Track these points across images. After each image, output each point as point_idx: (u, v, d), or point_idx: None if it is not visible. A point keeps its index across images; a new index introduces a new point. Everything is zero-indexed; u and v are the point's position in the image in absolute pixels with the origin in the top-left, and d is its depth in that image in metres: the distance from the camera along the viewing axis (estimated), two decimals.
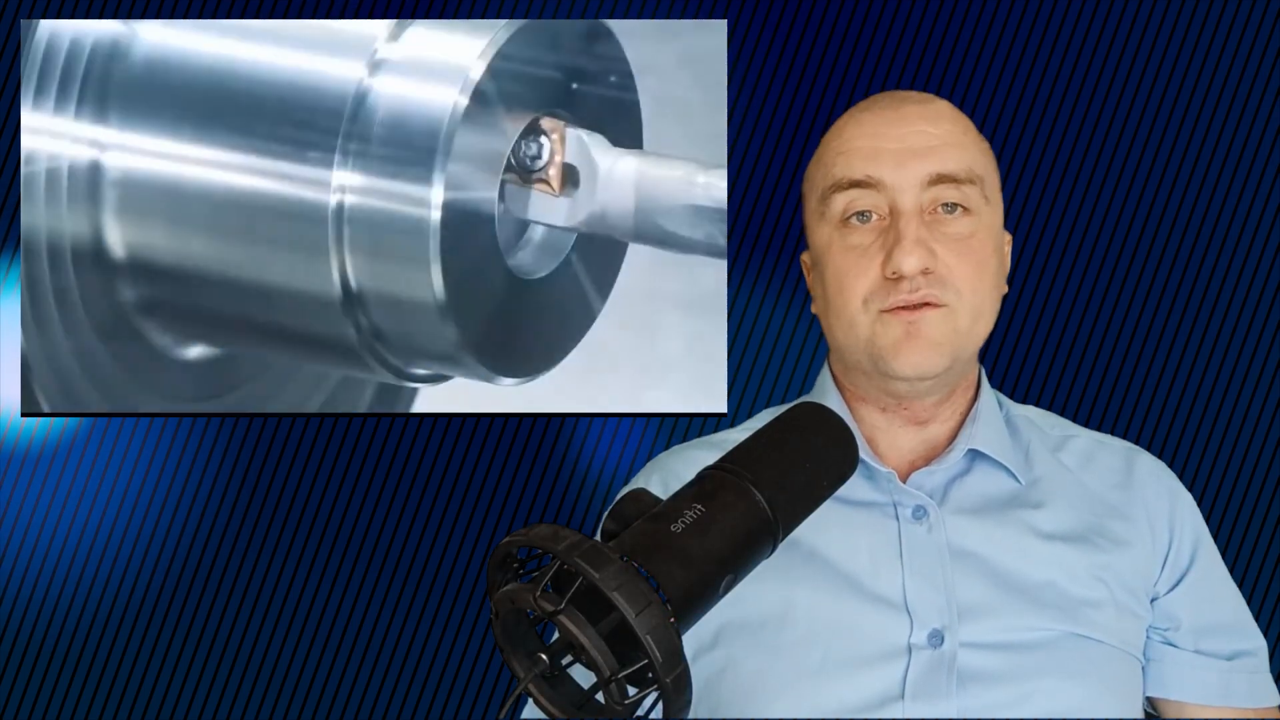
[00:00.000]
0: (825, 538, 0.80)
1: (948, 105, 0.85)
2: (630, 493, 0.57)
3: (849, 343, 0.82)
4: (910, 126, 0.81)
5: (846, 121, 0.85)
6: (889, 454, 0.85)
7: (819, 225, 0.84)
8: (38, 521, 1.40)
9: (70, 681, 1.41)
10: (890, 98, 0.85)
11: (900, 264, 0.78)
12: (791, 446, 0.61)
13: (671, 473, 0.88)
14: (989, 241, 0.82)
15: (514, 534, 0.53)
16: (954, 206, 0.80)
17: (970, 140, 0.83)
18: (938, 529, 0.81)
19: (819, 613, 0.79)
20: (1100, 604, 0.80)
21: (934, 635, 0.77)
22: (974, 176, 0.81)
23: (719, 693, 0.80)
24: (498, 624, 0.54)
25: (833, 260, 0.82)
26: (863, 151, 0.81)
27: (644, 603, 0.49)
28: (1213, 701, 0.83)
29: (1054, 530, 0.82)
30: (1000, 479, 0.84)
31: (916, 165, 0.80)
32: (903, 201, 0.79)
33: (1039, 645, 0.77)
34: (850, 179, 0.81)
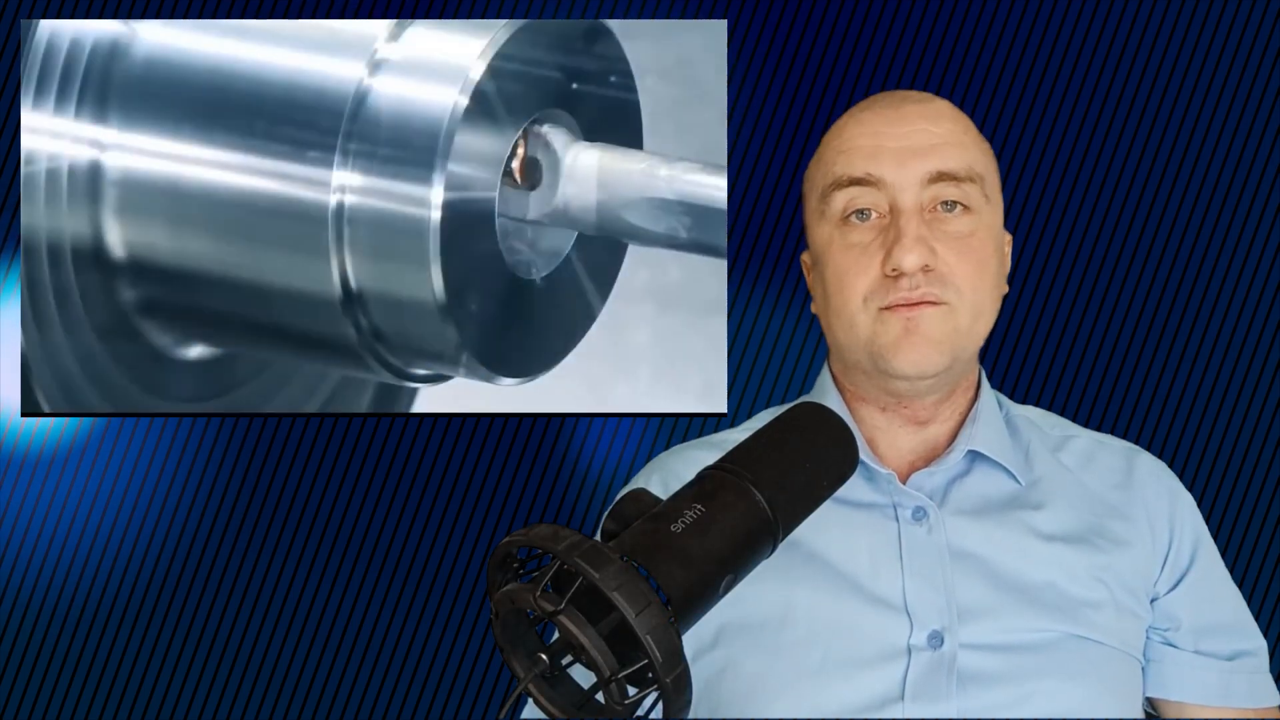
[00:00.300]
0: (825, 539, 0.80)
1: (948, 105, 0.85)
2: (630, 493, 0.57)
3: (848, 341, 0.82)
4: (911, 125, 0.81)
5: (847, 121, 0.85)
6: (889, 455, 0.85)
7: (819, 224, 0.84)
8: (38, 522, 1.40)
9: (70, 681, 1.41)
10: (891, 97, 0.85)
11: (900, 261, 0.78)
12: (791, 447, 0.61)
13: (671, 473, 0.88)
14: (989, 240, 0.82)
15: (514, 534, 0.53)
16: (954, 205, 0.80)
17: (971, 139, 0.83)
18: (937, 530, 0.81)
19: (819, 613, 0.79)
20: (1100, 605, 0.80)
21: (934, 636, 0.77)
22: (974, 175, 0.81)
23: (719, 693, 0.80)
24: (498, 624, 0.54)
25: (833, 258, 0.82)
26: (863, 150, 0.81)
27: (644, 603, 0.49)
28: (1213, 702, 0.83)
29: (1054, 531, 0.82)
30: (1000, 480, 0.84)
31: (917, 163, 0.80)
32: (903, 199, 0.80)
33: (1039, 646, 0.77)
34: (851, 176, 0.81)
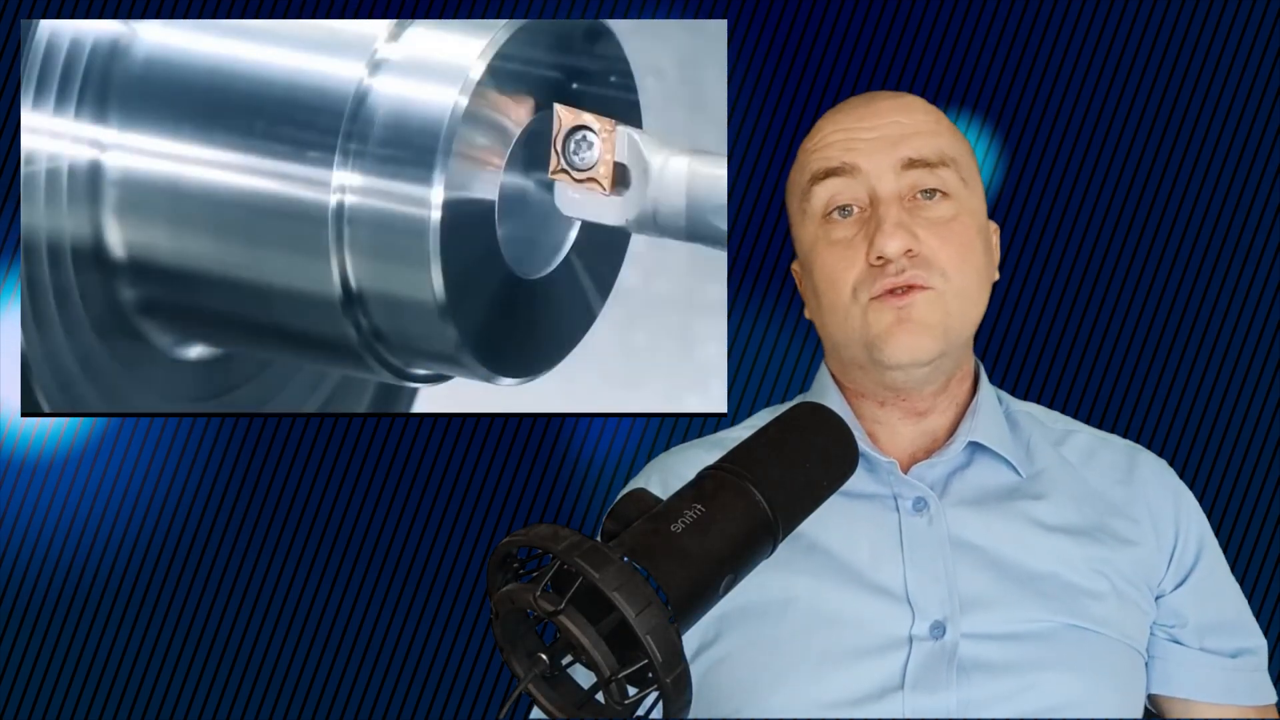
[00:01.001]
0: (826, 529, 0.81)
1: (919, 99, 0.86)
2: (630, 493, 0.57)
3: (842, 336, 0.82)
4: (884, 118, 0.83)
5: (822, 123, 0.87)
6: (889, 447, 0.86)
7: (803, 224, 0.85)
8: (38, 522, 1.40)
9: (70, 681, 1.41)
10: (864, 96, 0.87)
11: (884, 247, 0.78)
12: (791, 446, 0.61)
13: (671, 473, 0.88)
14: (971, 225, 0.82)
15: (514, 534, 0.53)
16: (933, 192, 0.81)
17: (944, 128, 0.84)
18: (938, 521, 0.81)
19: (820, 604, 0.79)
20: (1102, 595, 0.80)
21: (935, 626, 0.77)
22: (947, 159, 0.82)
23: (719, 683, 0.80)
24: (498, 624, 0.54)
25: (819, 256, 0.83)
26: (838, 143, 0.83)
27: (644, 603, 0.49)
28: (1216, 699, 0.84)
29: (1055, 522, 0.82)
30: (1001, 471, 0.84)
31: (891, 150, 0.81)
32: (881, 188, 0.81)
33: (1040, 636, 0.78)
34: (827, 168, 0.82)
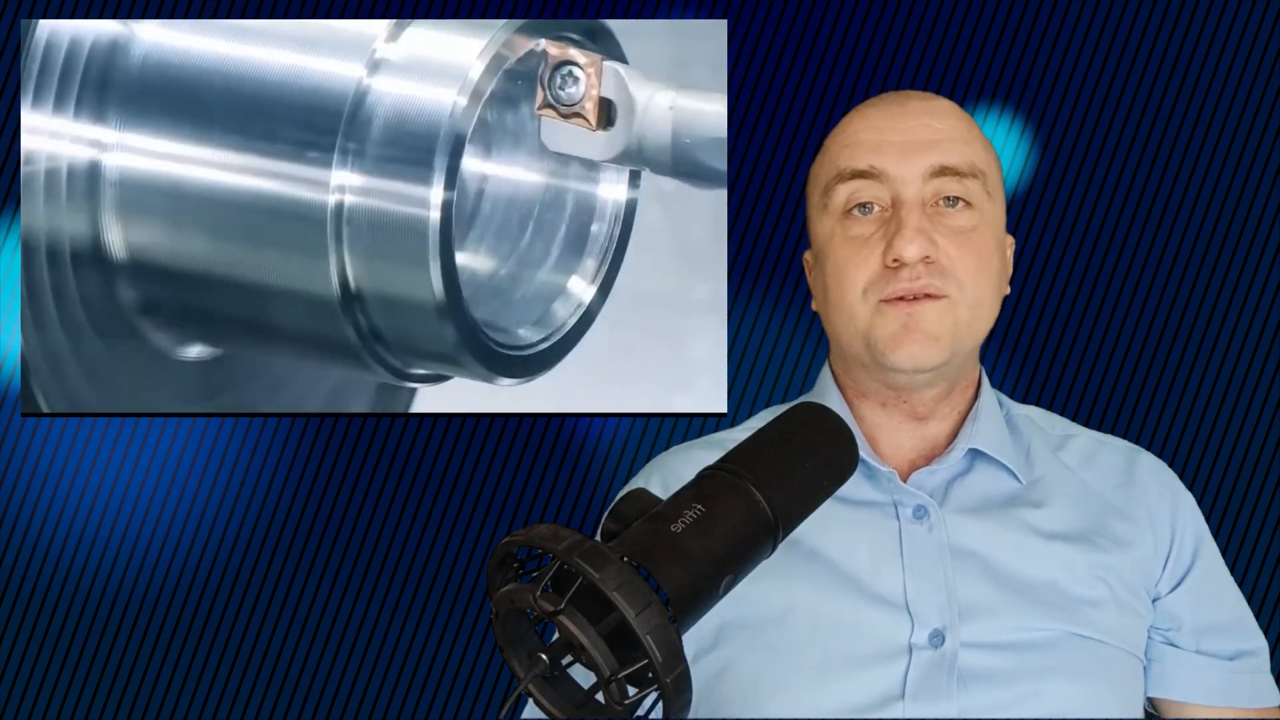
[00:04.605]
0: (826, 537, 0.80)
1: (952, 103, 0.85)
2: (630, 493, 0.57)
3: (847, 334, 0.82)
4: (915, 120, 0.82)
5: (853, 117, 0.85)
6: (889, 453, 0.85)
7: (821, 218, 0.84)
8: (37, 522, 1.40)
9: (70, 680, 1.41)
10: (895, 95, 0.86)
11: (902, 251, 0.78)
12: (792, 446, 0.61)
13: (671, 473, 0.88)
14: (990, 237, 0.82)
15: (514, 534, 0.53)
16: (956, 200, 0.81)
17: (974, 136, 0.84)
18: (938, 528, 0.81)
19: (819, 612, 0.79)
20: (1101, 603, 0.79)
21: (935, 635, 0.77)
22: (976, 171, 0.81)
23: (719, 692, 0.79)
24: (498, 624, 0.54)
25: (834, 251, 0.82)
26: (868, 144, 0.82)
27: (644, 603, 0.49)
28: (1214, 702, 0.83)
29: (1055, 530, 0.82)
30: (1001, 478, 0.84)
31: (920, 157, 0.80)
32: (905, 192, 0.80)
33: (1040, 645, 0.77)
34: (854, 169, 0.81)
